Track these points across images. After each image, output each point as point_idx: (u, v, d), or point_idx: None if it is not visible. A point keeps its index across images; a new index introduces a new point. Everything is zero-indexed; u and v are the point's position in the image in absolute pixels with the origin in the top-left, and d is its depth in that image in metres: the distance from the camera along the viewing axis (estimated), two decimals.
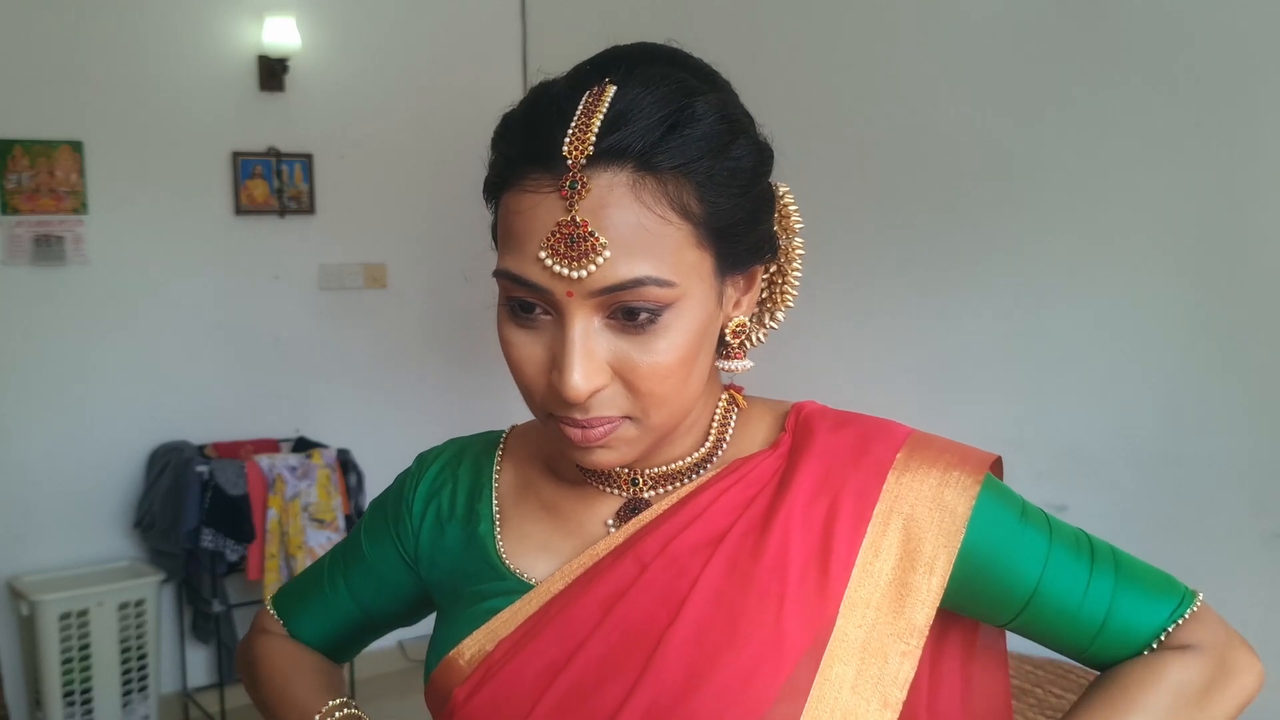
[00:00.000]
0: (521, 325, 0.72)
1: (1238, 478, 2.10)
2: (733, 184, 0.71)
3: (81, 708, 3.15)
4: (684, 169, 0.68)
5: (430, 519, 0.88)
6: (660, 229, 0.68)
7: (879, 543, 0.74)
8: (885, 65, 2.80)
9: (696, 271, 0.70)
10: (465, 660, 0.79)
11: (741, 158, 0.72)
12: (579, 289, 0.68)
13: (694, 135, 0.69)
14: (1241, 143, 2.08)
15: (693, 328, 0.71)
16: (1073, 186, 2.37)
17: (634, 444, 0.73)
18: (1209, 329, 2.15)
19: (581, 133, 0.68)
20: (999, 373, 2.54)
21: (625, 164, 0.68)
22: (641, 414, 0.72)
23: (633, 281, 0.67)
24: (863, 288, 2.81)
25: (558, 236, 0.67)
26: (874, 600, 0.73)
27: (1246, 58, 2.07)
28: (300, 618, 0.97)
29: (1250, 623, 2.15)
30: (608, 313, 0.69)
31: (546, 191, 0.68)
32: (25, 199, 3.26)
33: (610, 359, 0.70)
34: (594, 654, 0.74)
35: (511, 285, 0.71)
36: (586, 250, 0.67)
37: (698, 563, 0.75)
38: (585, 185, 0.67)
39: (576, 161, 0.67)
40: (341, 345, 3.83)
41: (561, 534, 0.82)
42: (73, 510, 3.38)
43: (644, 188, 0.68)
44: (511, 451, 0.89)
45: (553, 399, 0.72)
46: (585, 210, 0.67)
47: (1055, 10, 2.39)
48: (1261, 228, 2.06)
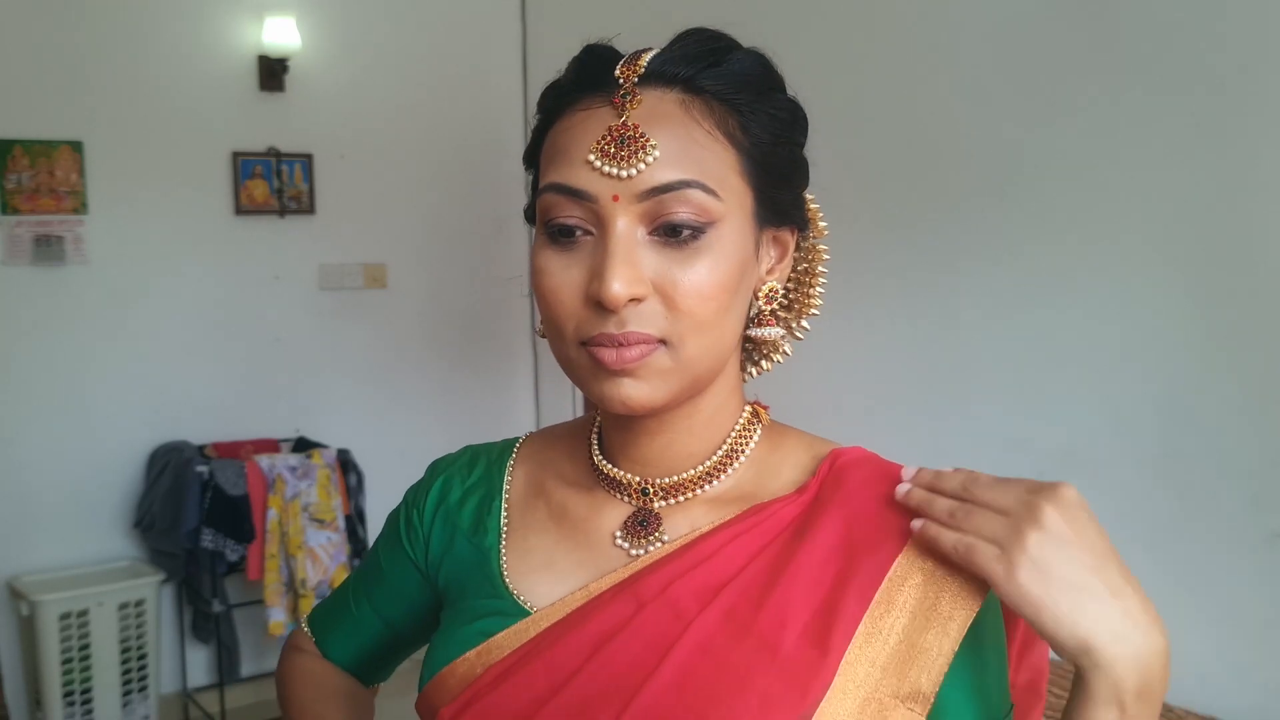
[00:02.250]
0: (560, 249, 0.72)
1: (1238, 477, 2.09)
2: (773, 126, 0.74)
3: (81, 708, 3.15)
4: (727, 97, 0.72)
5: (439, 525, 0.87)
6: (708, 144, 0.70)
7: (893, 597, 0.70)
8: (885, 67, 2.80)
9: (739, 200, 0.72)
10: (455, 679, 0.78)
11: (781, 108, 0.75)
12: (626, 190, 0.68)
13: (737, 69, 0.72)
14: (1241, 143, 2.08)
15: (734, 255, 0.71)
16: (1073, 186, 2.37)
17: (666, 378, 0.71)
18: (1209, 329, 2.15)
19: (633, 60, 0.72)
20: (999, 372, 2.54)
21: (673, 85, 0.71)
22: (678, 339, 0.70)
23: (680, 183, 0.68)
24: (863, 288, 2.81)
25: (609, 139, 0.69)
26: (879, 659, 0.69)
27: (1246, 59, 2.06)
28: (331, 637, 0.97)
29: (1250, 622, 2.16)
30: (651, 227, 0.69)
31: (599, 107, 0.71)
32: (25, 199, 3.26)
33: (651, 274, 0.69)
34: (578, 692, 0.72)
35: (555, 200, 0.71)
36: (636, 150, 0.68)
37: (694, 608, 0.72)
38: (637, 96, 0.70)
39: (629, 79, 0.71)
40: (341, 345, 3.83)
41: (566, 547, 0.80)
42: (73, 510, 3.38)
43: (693, 105, 0.71)
44: (525, 458, 0.88)
45: (588, 320, 0.70)
46: (636, 116, 0.70)
47: (1055, 13, 2.39)
48: (1261, 228, 2.06)
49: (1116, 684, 0.65)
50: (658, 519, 0.78)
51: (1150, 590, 0.69)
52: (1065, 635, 0.65)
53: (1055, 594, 0.65)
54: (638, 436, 0.78)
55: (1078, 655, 0.65)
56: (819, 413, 2.76)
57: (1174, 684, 0.71)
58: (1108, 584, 0.65)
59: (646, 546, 0.77)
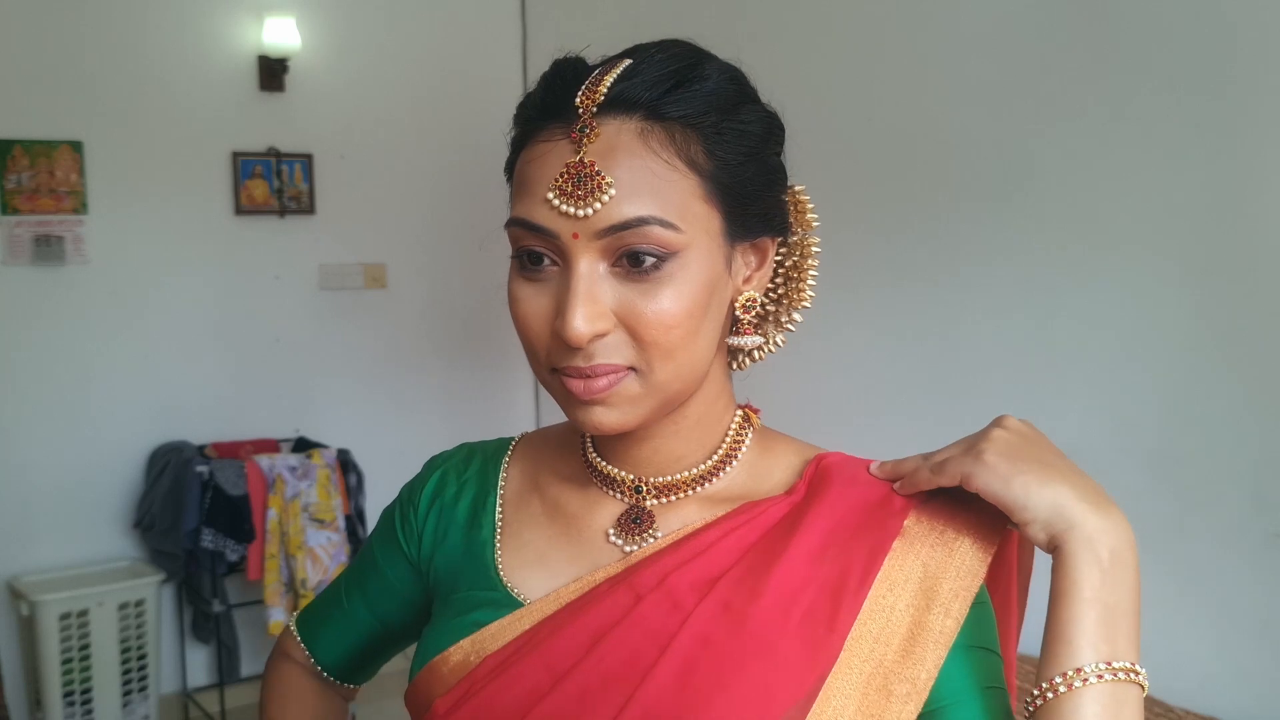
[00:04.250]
0: (529, 278, 0.73)
1: (1239, 477, 2.09)
2: (741, 144, 0.72)
3: (81, 708, 3.15)
4: (691, 121, 0.70)
5: (434, 520, 0.88)
6: (667, 175, 0.69)
7: (895, 577, 0.73)
8: (886, 68, 2.80)
9: (703, 226, 0.71)
10: (449, 668, 0.78)
11: (750, 121, 0.73)
12: (584, 229, 0.68)
13: (702, 90, 0.71)
14: (1241, 144, 2.08)
15: (699, 280, 0.71)
16: (1073, 188, 2.37)
17: (637, 403, 0.72)
18: (1209, 329, 2.15)
19: (593, 86, 0.71)
20: (999, 373, 2.54)
21: (633, 113, 0.70)
22: (645, 366, 0.71)
23: (637, 220, 0.68)
24: (863, 289, 2.80)
25: (565, 176, 0.69)
26: (884, 636, 0.71)
27: (1245, 60, 2.06)
28: (320, 636, 0.98)
29: (1250, 622, 2.16)
30: (613, 259, 0.70)
31: (558, 139, 0.70)
32: (25, 199, 3.26)
33: (615, 306, 0.70)
34: (577, 685, 0.73)
35: (520, 233, 0.72)
36: (592, 189, 0.68)
37: (692, 599, 0.73)
38: (594, 130, 0.69)
39: (587, 109, 0.70)
40: (341, 345, 3.83)
41: (560, 543, 0.81)
42: (73, 510, 3.38)
43: (652, 135, 0.69)
44: (520, 455, 0.89)
45: (557, 350, 0.71)
46: (593, 153, 0.69)
47: (1055, 16, 2.39)
48: (1261, 228, 2.06)
49: (1091, 540, 0.69)
50: (651, 517, 0.79)
51: (1150, 590, 0.70)
52: (1036, 500, 0.70)
53: (1023, 466, 0.71)
54: (626, 441, 0.79)
55: (1052, 518, 0.69)
56: (819, 413, 2.76)
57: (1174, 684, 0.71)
58: (1067, 467, 0.73)
59: (640, 543, 0.78)
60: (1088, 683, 0.67)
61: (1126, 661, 0.67)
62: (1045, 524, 0.69)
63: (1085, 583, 0.68)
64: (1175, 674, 2.05)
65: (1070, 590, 0.68)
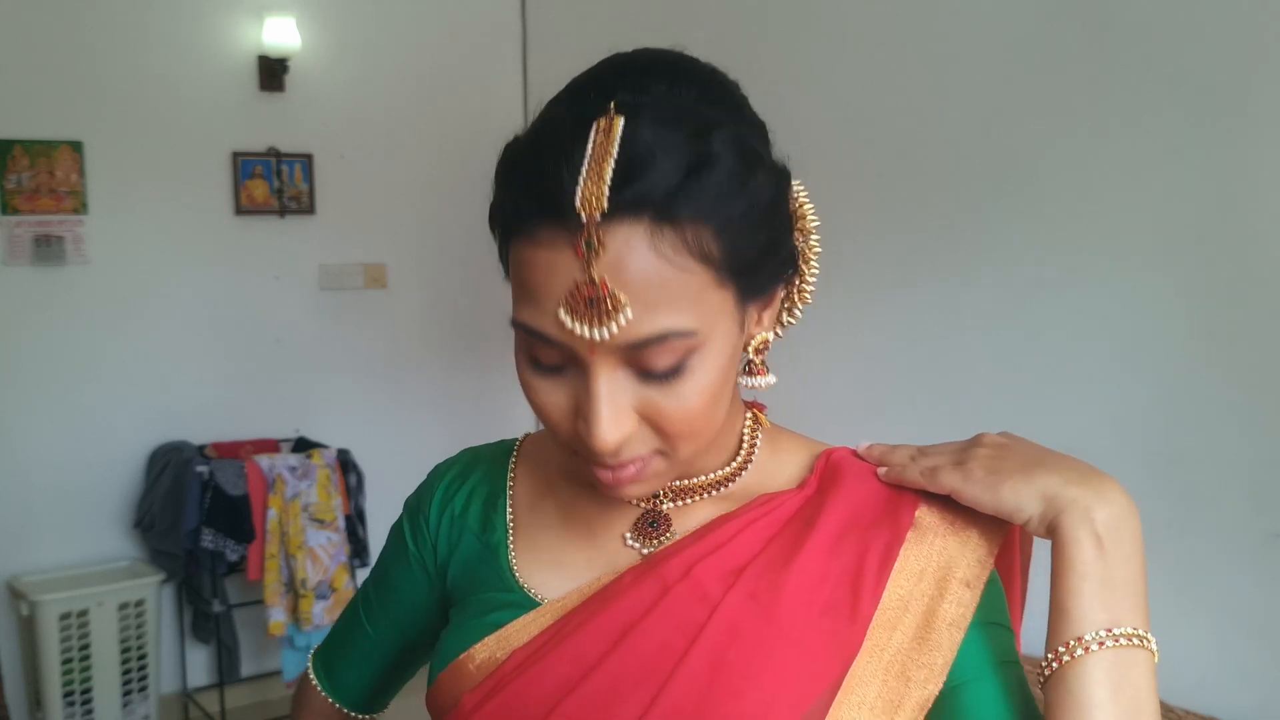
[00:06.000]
0: (543, 374, 0.71)
1: (1238, 477, 2.09)
2: (752, 219, 0.68)
3: (81, 708, 3.15)
4: (704, 215, 0.65)
5: (445, 528, 0.88)
6: (681, 278, 0.65)
7: (910, 567, 0.74)
8: (885, 69, 2.80)
9: (719, 310, 0.68)
10: (475, 665, 0.78)
11: (760, 190, 0.68)
12: (601, 345, 0.66)
13: (713, 179, 0.65)
14: (1239, 144, 2.08)
15: (719, 365, 0.69)
16: (1072, 188, 2.37)
17: (663, 475, 0.73)
18: (1208, 329, 2.15)
19: (595, 183, 0.64)
20: (998, 371, 2.54)
21: (642, 214, 0.64)
22: (671, 449, 0.71)
23: (656, 337, 0.65)
24: (863, 290, 2.80)
25: (577, 297, 0.65)
26: (901, 624, 0.73)
27: (1243, 61, 2.06)
28: (340, 668, 0.96)
29: (1250, 622, 2.16)
30: (632, 364, 0.68)
31: (561, 247, 0.65)
32: (25, 199, 3.26)
33: (637, 405, 0.69)
34: (607, 675, 0.73)
35: (531, 340, 0.69)
36: (607, 311, 0.64)
37: (719, 590, 0.74)
38: (602, 242, 0.64)
39: (591, 218, 0.63)
40: (341, 345, 3.83)
41: (576, 547, 0.81)
42: (73, 510, 3.38)
43: (662, 238, 0.64)
44: (526, 458, 0.88)
45: (579, 442, 0.70)
46: (603, 267, 0.64)
47: (1054, 16, 2.39)
48: (1259, 229, 2.06)
49: (1086, 513, 0.69)
50: (667, 519, 0.80)
51: (1150, 590, 0.70)
52: (1025, 498, 0.71)
53: (1007, 472, 0.73)
54: None
55: (1045, 508, 0.70)
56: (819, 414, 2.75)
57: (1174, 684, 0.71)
58: (1052, 459, 0.73)
59: (657, 545, 0.79)
60: (1090, 650, 0.67)
61: (1129, 627, 0.67)
62: (1040, 516, 0.70)
63: (1079, 556, 0.68)
64: (1175, 674, 2.04)
65: (1065, 566, 0.69)
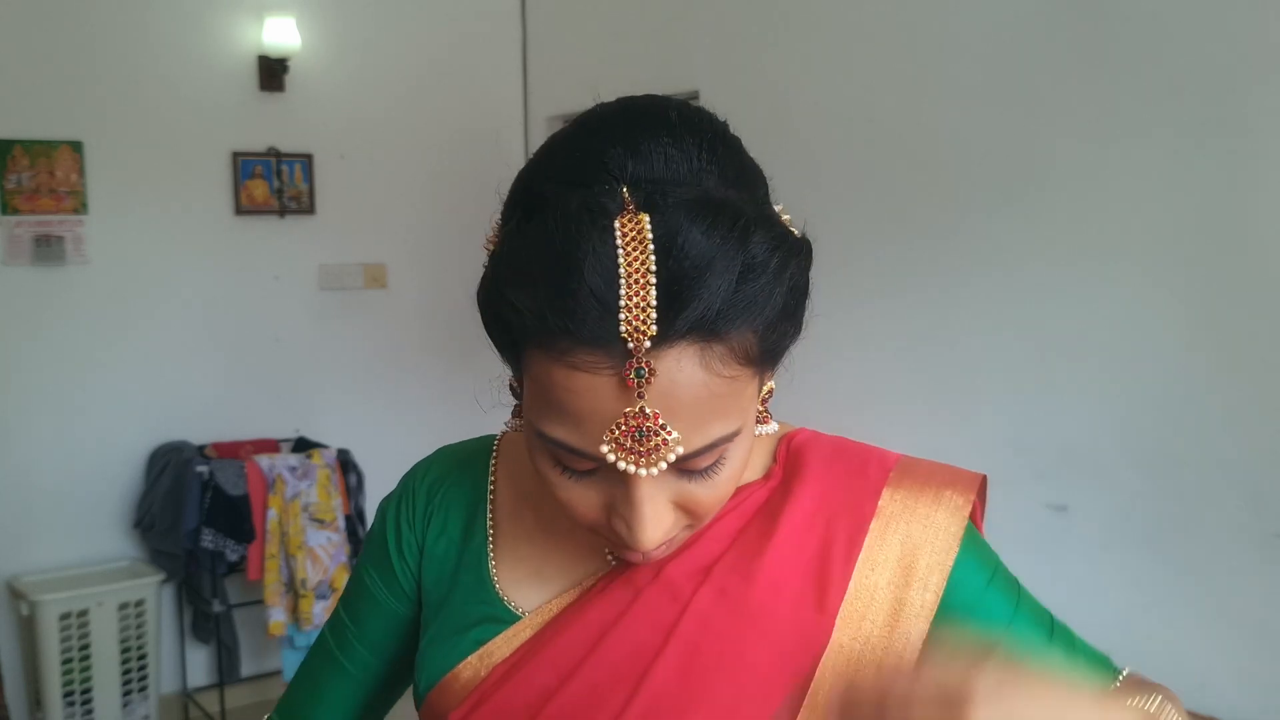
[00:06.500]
0: (572, 476, 0.66)
1: (1238, 478, 2.10)
2: (788, 310, 0.64)
3: (81, 708, 3.15)
4: (749, 322, 0.61)
5: (422, 530, 0.86)
6: (729, 387, 0.62)
7: (875, 557, 0.74)
8: (887, 70, 2.80)
9: (751, 398, 0.66)
10: (460, 684, 0.78)
11: (794, 278, 0.64)
12: None
13: (758, 286, 0.61)
14: (1240, 145, 2.08)
15: (749, 444, 0.68)
16: (1073, 191, 2.37)
17: (683, 537, 0.72)
18: (1209, 329, 2.15)
19: (641, 309, 0.58)
20: (999, 373, 2.54)
21: (693, 336, 0.59)
22: (698, 522, 0.70)
23: (706, 448, 0.63)
24: (863, 289, 2.81)
25: (624, 430, 0.60)
26: (869, 614, 0.73)
27: (1244, 62, 2.07)
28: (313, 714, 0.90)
29: (1250, 623, 2.16)
30: (673, 467, 0.64)
31: (601, 371, 0.59)
32: (25, 199, 3.26)
33: (675, 499, 0.67)
34: (585, 680, 0.74)
35: (561, 452, 0.64)
36: (658, 445, 0.60)
37: (689, 588, 0.74)
38: (652, 369, 0.59)
39: (639, 346, 0.58)
40: (341, 345, 3.83)
41: (557, 558, 0.80)
42: (73, 510, 3.38)
43: (712, 354, 0.60)
44: (505, 460, 0.86)
45: (609, 532, 0.68)
46: (654, 399, 0.59)
47: (1057, 16, 2.40)
48: (1260, 229, 2.06)
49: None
50: None
51: (1151, 590, 0.70)
52: None
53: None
54: None
55: None
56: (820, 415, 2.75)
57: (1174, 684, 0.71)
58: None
59: None
60: None
61: None
62: None
63: None
64: (1175, 674, 2.05)
65: None
